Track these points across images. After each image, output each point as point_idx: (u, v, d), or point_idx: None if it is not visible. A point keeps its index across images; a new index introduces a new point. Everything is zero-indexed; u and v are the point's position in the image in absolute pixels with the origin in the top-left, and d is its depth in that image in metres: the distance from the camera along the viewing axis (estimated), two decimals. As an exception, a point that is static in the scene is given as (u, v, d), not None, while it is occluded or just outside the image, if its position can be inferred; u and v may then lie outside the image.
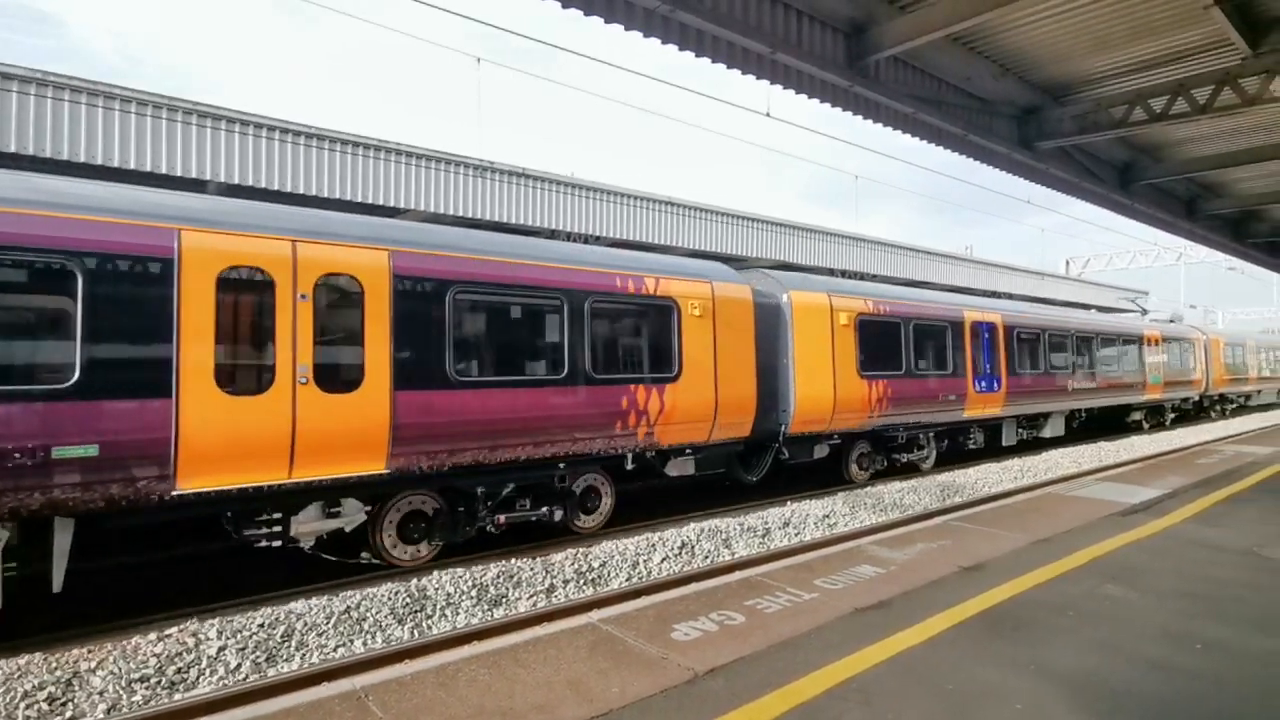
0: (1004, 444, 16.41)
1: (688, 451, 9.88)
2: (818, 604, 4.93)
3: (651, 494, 11.41)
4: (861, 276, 22.14)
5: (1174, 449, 16.89)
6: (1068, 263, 46.01)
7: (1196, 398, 25.68)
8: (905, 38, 7.73)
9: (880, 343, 12.61)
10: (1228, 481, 10.12)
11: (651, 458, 9.60)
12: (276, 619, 6.42)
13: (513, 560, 8.21)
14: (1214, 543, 6.65)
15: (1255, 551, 6.31)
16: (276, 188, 12.22)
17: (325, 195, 12.62)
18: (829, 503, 11.40)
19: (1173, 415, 24.47)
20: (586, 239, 16.38)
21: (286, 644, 6.10)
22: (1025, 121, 10.72)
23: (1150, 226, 16.99)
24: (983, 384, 14.86)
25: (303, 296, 6.57)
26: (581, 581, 7.88)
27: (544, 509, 8.64)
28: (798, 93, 8.25)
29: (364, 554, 7.71)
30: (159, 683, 5.27)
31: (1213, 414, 27.88)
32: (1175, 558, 6.13)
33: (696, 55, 7.30)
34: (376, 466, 6.98)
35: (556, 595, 7.55)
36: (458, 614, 7.03)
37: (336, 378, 6.83)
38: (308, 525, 7.03)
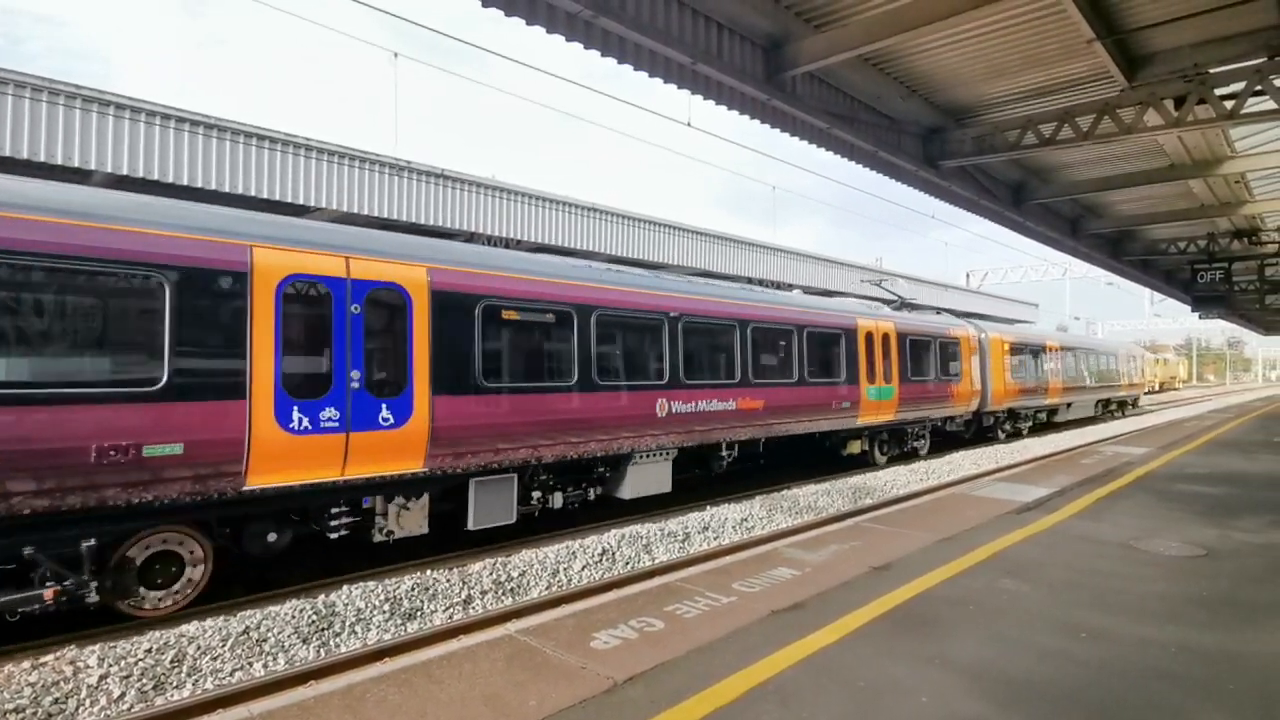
0: (472, 526, 8.38)
1: None
2: (735, 607, 4.99)
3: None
4: (779, 285, 22.78)
5: (1061, 450, 18.07)
6: (968, 275, 48.82)
7: (968, 416, 19.33)
8: (820, 56, 8.02)
9: None
10: (1107, 480, 10.92)
11: None
12: (165, 643, 5.98)
13: (428, 571, 7.95)
14: (1096, 537, 7.15)
15: (1131, 545, 6.82)
16: (171, 180, 11.47)
17: (226, 190, 11.94)
18: (746, 507, 11.62)
19: (927, 442, 17.86)
20: (508, 243, 16.15)
21: (177, 670, 5.70)
22: (930, 141, 11.32)
23: (1040, 243, 18.25)
24: (304, 416, 6.74)
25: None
26: (500, 591, 7.71)
27: None
28: (718, 104, 8.42)
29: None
30: (35, 714, 4.85)
31: (1001, 434, 21.66)
32: (1064, 552, 6.55)
33: (619, 62, 7.33)
34: None
35: (474, 606, 7.36)
36: (369, 630, 6.74)
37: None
38: None
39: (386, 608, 7.05)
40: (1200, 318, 23.97)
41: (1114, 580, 5.67)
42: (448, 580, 7.67)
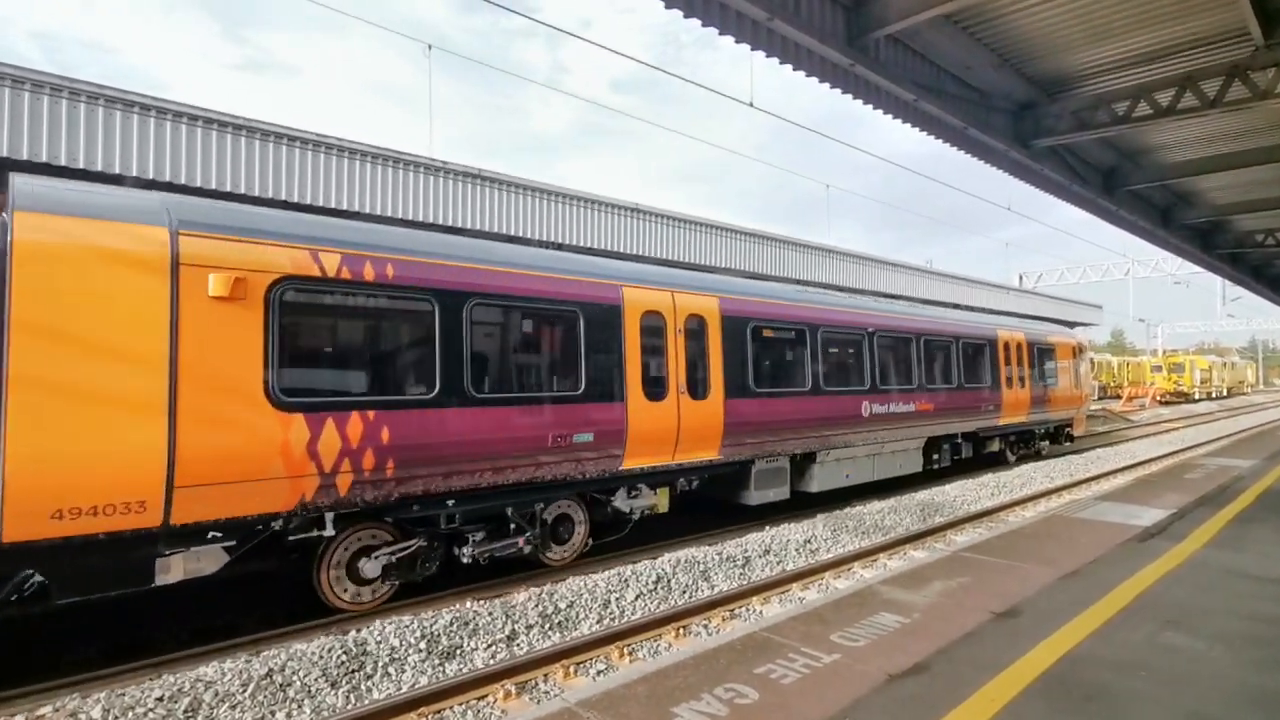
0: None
1: None
2: (841, 669, 4.04)
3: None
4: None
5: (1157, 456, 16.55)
6: (1020, 277, 46.81)
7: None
8: (908, 13, 7.00)
9: None
10: (1225, 500, 9.67)
11: None
12: (180, 689, 5.30)
13: (468, 603, 7.18)
14: (1248, 571, 6.04)
15: (1299, 583, 5.68)
16: (214, 185, 10.98)
17: (257, 194, 11.42)
18: (809, 526, 10.66)
19: None
20: (544, 245, 15.43)
21: (190, 721, 5.01)
22: (1021, 118, 10.14)
23: (1131, 234, 16.69)
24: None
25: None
26: (547, 625, 6.90)
27: None
28: (795, 68, 7.43)
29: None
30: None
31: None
32: (1220, 593, 5.46)
33: (686, 15, 6.43)
34: None
35: (519, 643, 6.57)
36: (403, 670, 6.00)
37: None
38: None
39: (423, 645, 6.29)
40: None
41: (1303, 633, 4.58)
42: (489, 614, 6.88)
